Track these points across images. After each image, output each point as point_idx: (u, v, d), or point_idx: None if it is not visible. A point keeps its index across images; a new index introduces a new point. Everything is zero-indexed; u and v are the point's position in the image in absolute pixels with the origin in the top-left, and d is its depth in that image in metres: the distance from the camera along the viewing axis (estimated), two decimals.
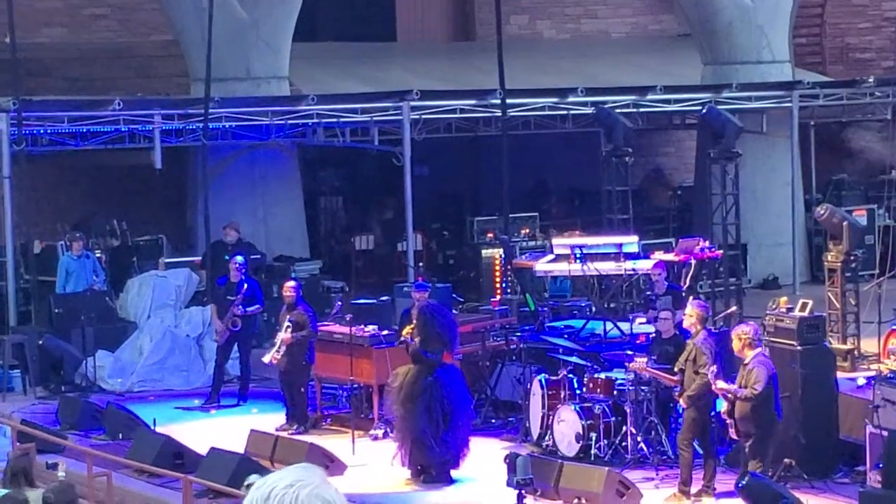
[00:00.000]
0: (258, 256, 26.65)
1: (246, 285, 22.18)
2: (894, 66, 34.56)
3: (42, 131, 25.45)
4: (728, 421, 16.29)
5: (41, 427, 19.85)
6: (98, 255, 25.53)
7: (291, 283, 21.36)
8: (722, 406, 16.36)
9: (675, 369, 17.22)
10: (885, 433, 16.09)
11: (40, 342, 23.32)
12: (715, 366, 16.34)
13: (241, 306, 22.08)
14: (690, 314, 17.35)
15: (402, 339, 18.88)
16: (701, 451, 17.16)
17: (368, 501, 16.63)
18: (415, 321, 18.40)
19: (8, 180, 24.93)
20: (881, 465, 15.50)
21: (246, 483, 14.90)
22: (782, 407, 16.46)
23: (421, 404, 17.92)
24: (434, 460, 18.19)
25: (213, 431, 20.22)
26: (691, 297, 19.73)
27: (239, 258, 22.73)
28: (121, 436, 20.05)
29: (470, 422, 18.78)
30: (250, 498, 3.60)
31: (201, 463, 17.95)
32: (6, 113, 24.79)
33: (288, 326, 20.35)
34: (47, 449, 18.29)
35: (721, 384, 16.32)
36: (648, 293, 21.63)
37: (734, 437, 16.41)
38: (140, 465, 18.22)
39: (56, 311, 24.59)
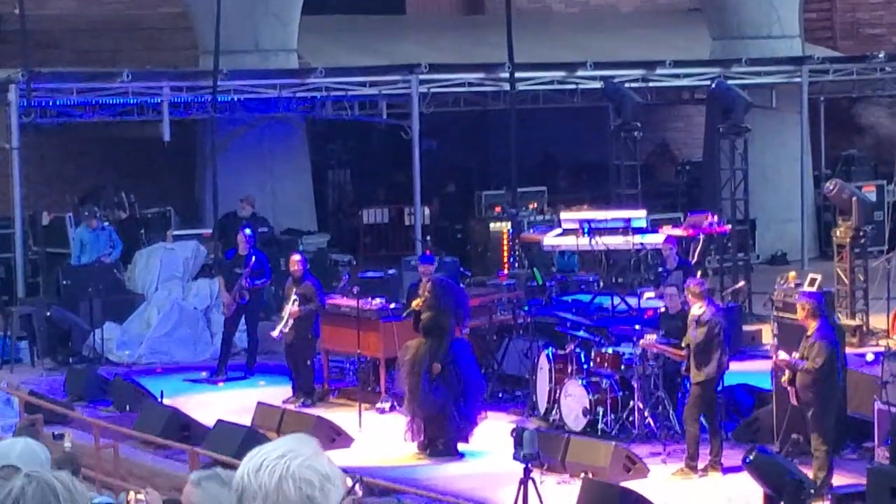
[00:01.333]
0: (266, 230, 26.65)
1: (254, 258, 22.15)
2: None
3: (51, 103, 25.45)
4: (789, 388, 16.16)
5: (48, 398, 19.85)
6: (107, 226, 25.53)
7: (297, 257, 21.33)
8: (785, 376, 16.25)
9: (683, 345, 17.19)
10: (893, 409, 16.06)
11: (48, 314, 23.30)
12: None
13: (248, 279, 22.06)
14: (690, 291, 17.37)
15: (409, 311, 18.84)
16: (707, 427, 17.15)
17: (376, 475, 16.59)
18: (424, 294, 18.35)
19: (17, 151, 24.96)
20: (889, 442, 15.45)
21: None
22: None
23: (439, 377, 17.91)
24: (450, 433, 18.18)
25: (220, 404, 20.22)
26: (684, 277, 19.74)
27: (247, 230, 22.70)
28: (128, 407, 20.05)
29: (481, 396, 18.79)
30: (242, 469, 3.59)
31: (208, 435, 17.96)
32: (15, 84, 24.77)
33: (295, 300, 20.32)
34: (54, 420, 18.24)
35: (782, 355, 16.26)
36: (660, 269, 21.58)
37: (794, 403, 16.23)
38: (147, 437, 18.24)
39: (64, 282, 24.61)
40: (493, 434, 18.28)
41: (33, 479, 3.95)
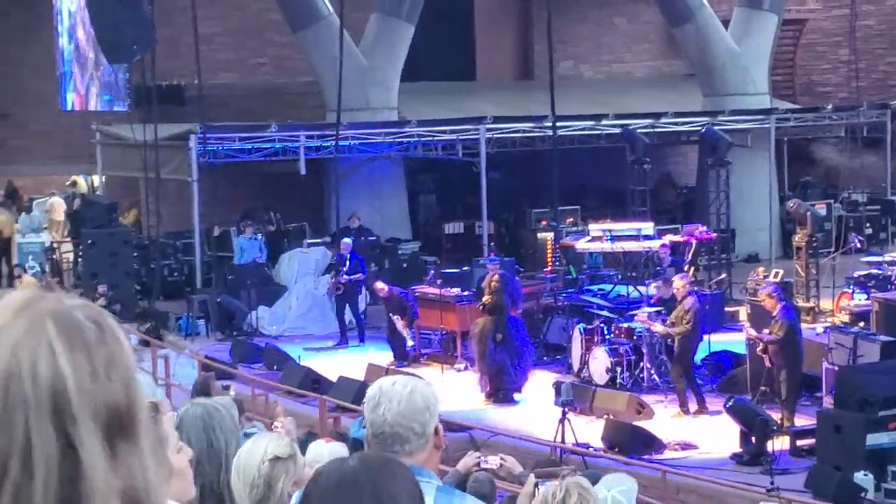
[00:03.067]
0: (374, 238, 26.66)
1: (349, 260, 22.10)
2: (848, 97, 34.03)
3: (220, 148, 25.58)
4: (763, 356, 15.98)
5: (218, 361, 19.99)
6: (260, 237, 25.70)
7: (348, 240, 21.89)
8: (759, 347, 16.12)
9: (668, 322, 17.11)
10: (836, 368, 15.85)
11: (218, 300, 23.45)
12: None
13: (345, 275, 21.99)
14: (678, 284, 17.31)
15: (481, 303, 18.61)
16: (687, 382, 17.03)
17: (454, 417, 16.56)
18: (490, 284, 18.26)
19: (196, 183, 25.12)
20: (833, 392, 15.25)
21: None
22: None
23: (500, 344, 17.87)
24: (508, 385, 18.12)
25: (341, 364, 20.19)
26: (685, 271, 19.62)
27: (347, 239, 22.70)
28: (275, 367, 20.13)
29: (531, 358, 18.70)
30: (377, 384, 3.53)
31: (332, 387, 17.99)
32: (194, 134, 24.98)
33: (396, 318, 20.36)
34: (223, 376, 18.33)
35: (752, 332, 16.17)
36: (658, 267, 21.44)
37: (768, 365, 16.05)
38: (289, 388, 18.33)
39: (230, 277, 24.74)
40: (539, 387, 18.23)
41: (195, 405, 3.89)
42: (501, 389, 18.08)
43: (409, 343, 20.37)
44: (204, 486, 3.60)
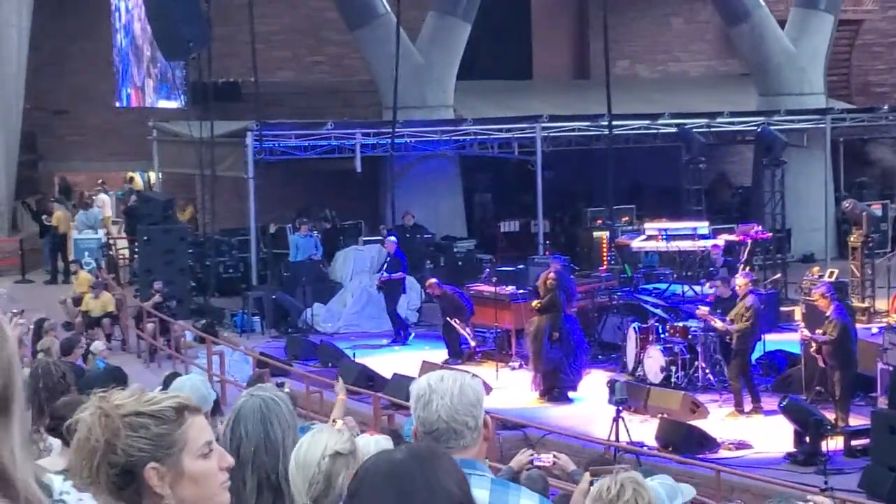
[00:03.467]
0: (429, 236, 26.74)
1: (389, 258, 22.23)
2: None
3: (276, 145, 25.70)
4: (817, 356, 16.03)
5: (273, 357, 20.11)
6: (316, 234, 25.82)
7: (393, 238, 22.04)
8: (813, 347, 16.16)
9: (728, 319, 17.09)
10: (891, 368, 15.84)
11: (273, 297, 23.57)
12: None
13: (386, 273, 22.11)
14: (740, 282, 17.30)
15: (537, 302, 18.69)
16: (745, 382, 17.03)
17: (508, 414, 16.65)
18: (546, 283, 18.30)
19: (252, 180, 25.30)
20: (888, 392, 15.24)
21: None
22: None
23: (555, 342, 17.93)
24: (563, 384, 18.18)
25: (395, 362, 20.27)
26: (741, 270, 19.60)
27: (391, 238, 22.79)
28: (330, 364, 20.21)
29: (586, 357, 18.75)
30: (424, 380, 3.58)
31: (387, 384, 18.09)
32: (251, 131, 25.15)
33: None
34: (277, 373, 18.41)
35: (806, 332, 16.20)
36: (710, 268, 21.42)
37: (822, 365, 16.10)
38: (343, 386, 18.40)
39: (285, 274, 24.89)
40: (594, 385, 18.29)
41: (253, 396, 3.93)
42: (557, 388, 18.16)
43: (472, 343, 20.38)
44: (261, 478, 3.68)
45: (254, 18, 24.82)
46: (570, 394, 18.23)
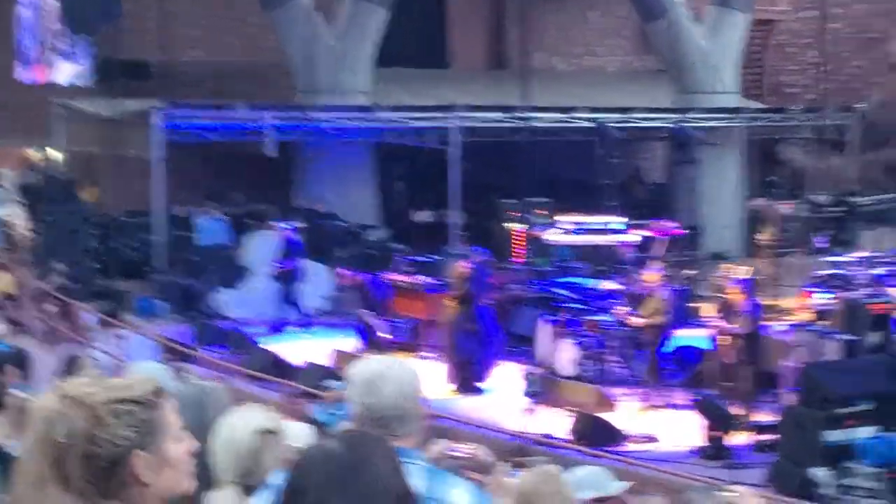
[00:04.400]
0: (343, 223, 26.68)
1: (285, 246, 22.19)
2: (815, 99, 34.50)
3: (185, 126, 25.49)
4: (727, 351, 16.36)
5: (179, 342, 19.99)
6: (224, 218, 25.61)
7: (285, 225, 21.98)
8: (725, 340, 16.44)
9: (641, 314, 17.37)
10: (798, 366, 16.22)
11: (179, 281, 23.45)
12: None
13: (280, 261, 22.07)
14: (652, 277, 17.57)
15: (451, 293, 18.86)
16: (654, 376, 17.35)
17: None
18: (459, 275, 18.44)
19: (159, 161, 25.07)
20: (797, 389, 15.62)
21: (330, 385, 15.07)
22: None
23: (467, 333, 18.05)
24: (474, 375, 18.31)
25: (305, 349, 20.31)
26: (653, 265, 19.89)
27: (282, 224, 22.72)
28: (238, 351, 20.22)
29: (500, 349, 18.89)
30: (369, 368, 3.59)
31: (299, 372, 18.09)
32: (159, 111, 24.87)
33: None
34: (183, 359, 18.35)
35: (720, 323, 16.45)
36: (622, 263, 21.71)
37: (732, 360, 16.45)
38: (252, 373, 18.35)
39: (193, 258, 24.71)
40: (506, 378, 18.47)
41: (191, 385, 4.04)
42: (468, 379, 18.32)
43: (386, 335, 20.51)
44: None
45: None
46: (481, 385, 18.39)
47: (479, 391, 18.31)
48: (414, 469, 3.43)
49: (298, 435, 5.00)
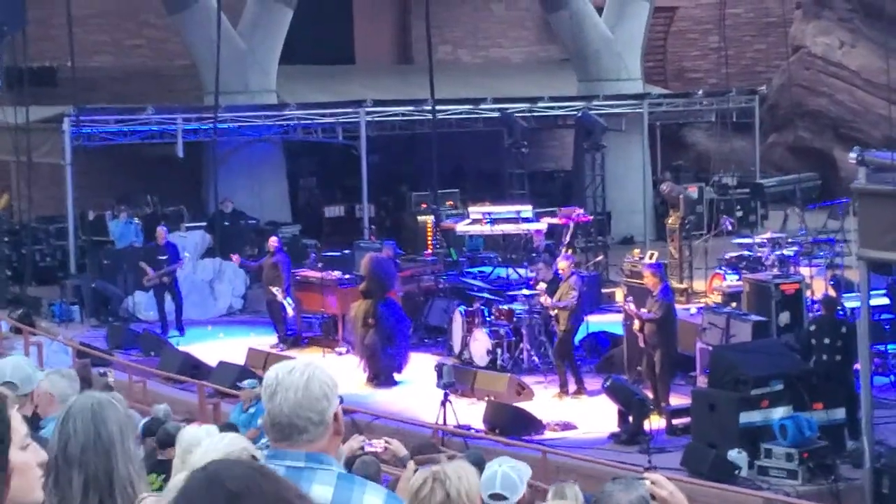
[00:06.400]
0: (253, 221, 26.42)
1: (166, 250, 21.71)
2: (717, 83, 34.61)
3: (95, 130, 25.08)
4: (638, 334, 16.14)
5: (94, 347, 19.62)
6: (136, 221, 25.26)
7: (274, 239, 21.04)
8: (636, 325, 16.24)
9: (555, 301, 17.14)
10: (710, 348, 16.10)
11: (93, 285, 23.04)
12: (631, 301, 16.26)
13: (166, 266, 21.55)
14: (562, 264, 17.39)
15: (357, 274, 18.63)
16: (568, 363, 17.15)
17: None
18: (364, 269, 18.19)
19: (70, 167, 24.62)
20: (707, 371, 15.49)
21: (242, 385, 14.73)
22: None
23: (375, 327, 17.78)
24: (384, 368, 18.05)
25: (220, 349, 19.98)
26: (563, 252, 19.73)
27: (161, 228, 22.30)
28: (152, 353, 19.86)
29: (408, 341, 18.64)
30: (274, 371, 3.47)
31: (212, 372, 17.78)
32: (69, 117, 24.47)
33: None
34: (99, 363, 17.96)
35: (631, 307, 16.24)
36: (533, 253, 21.55)
37: (642, 345, 16.25)
38: (167, 374, 18.10)
39: (105, 262, 24.29)
40: (421, 369, 18.22)
41: (85, 396, 3.84)
42: (379, 372, 18.02)
43: (290, 313, 20.01)
44: (88, 478, 3.55)
45: (70, 1, 24.05)
46: (395, 376, 18.10)
47: (391, 383, 17.99)
48: (322, 475, 3.35)
49: (205, 435, 4.88)
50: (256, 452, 4.12)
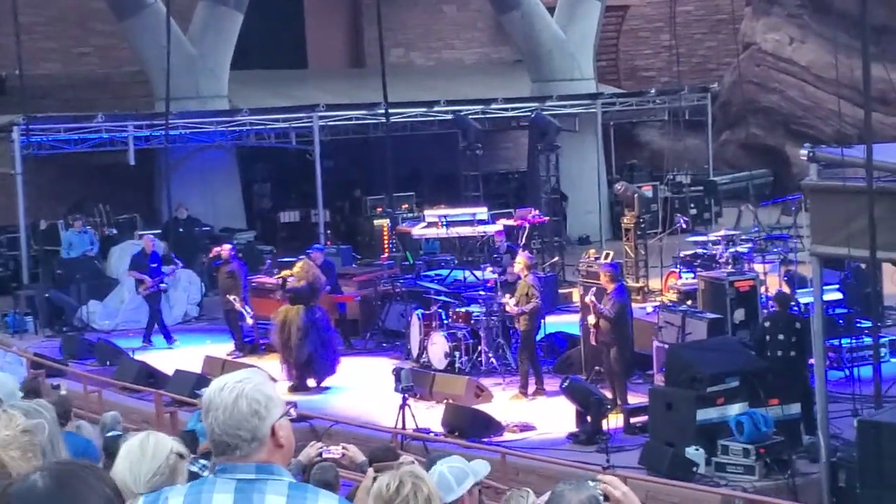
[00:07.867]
0: (207, 228, 26.35)
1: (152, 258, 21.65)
2: (668, 81, 34.83)
3: (45, 139, 24.96)
4: (592, 329, 16.23)
5: (48, 357, 19.51)
6: (89, 230, 25.15)
7: (228, 246, 20.93)
8: (591, 320, 16.31)
9: (514, 302, 17.17)
10: (666, 346, 16.23)
11: (46, 295, 22.90)
12: (592, 293, 16.31)
13: (152, 275, 21.47)
14: (519, 262, 17.42)
15: (279, 277, 18.49)
16: (530, 364, 17.20)
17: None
18: (297, 271, 18.12)
19: (20, 176, 24.49)
20: (664, 370, 15.61)
21: (199, 393, 14.74)
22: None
23: (305, 334, 17.69)
24: (319, 373, 17.98)
25: (176, 358, 19.89)
26: (521, 250, 19.78)
27: (148, 238, 22.25)
28: (108, 363, 19.74)
29: (337, 348, 18.54)
30: (210, 388, 3.48)
31: (169, 381, 17.72)
32: (17, 126, 24.34)
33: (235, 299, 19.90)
34: (53, 374, 17.96)
35: (592, 299, 16.25)
36: (495, 255, 21.59)
37: (594, 343, 16.33)
38: (123, 384, 18.00)
39: (58, 272, 24.15)
40: (378, 373, 18.23)
41: (13, 407, 3.85)
42: (313, 378, 17.96)
43: (249, 321, 19.97)
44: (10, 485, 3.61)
45: (17, 9, 23.92)
46: (327, 382, 18.04)
47: (322, 389, 17.92)
48: (273, 486, 3.34)
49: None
50: (184, 450, 4.14)
